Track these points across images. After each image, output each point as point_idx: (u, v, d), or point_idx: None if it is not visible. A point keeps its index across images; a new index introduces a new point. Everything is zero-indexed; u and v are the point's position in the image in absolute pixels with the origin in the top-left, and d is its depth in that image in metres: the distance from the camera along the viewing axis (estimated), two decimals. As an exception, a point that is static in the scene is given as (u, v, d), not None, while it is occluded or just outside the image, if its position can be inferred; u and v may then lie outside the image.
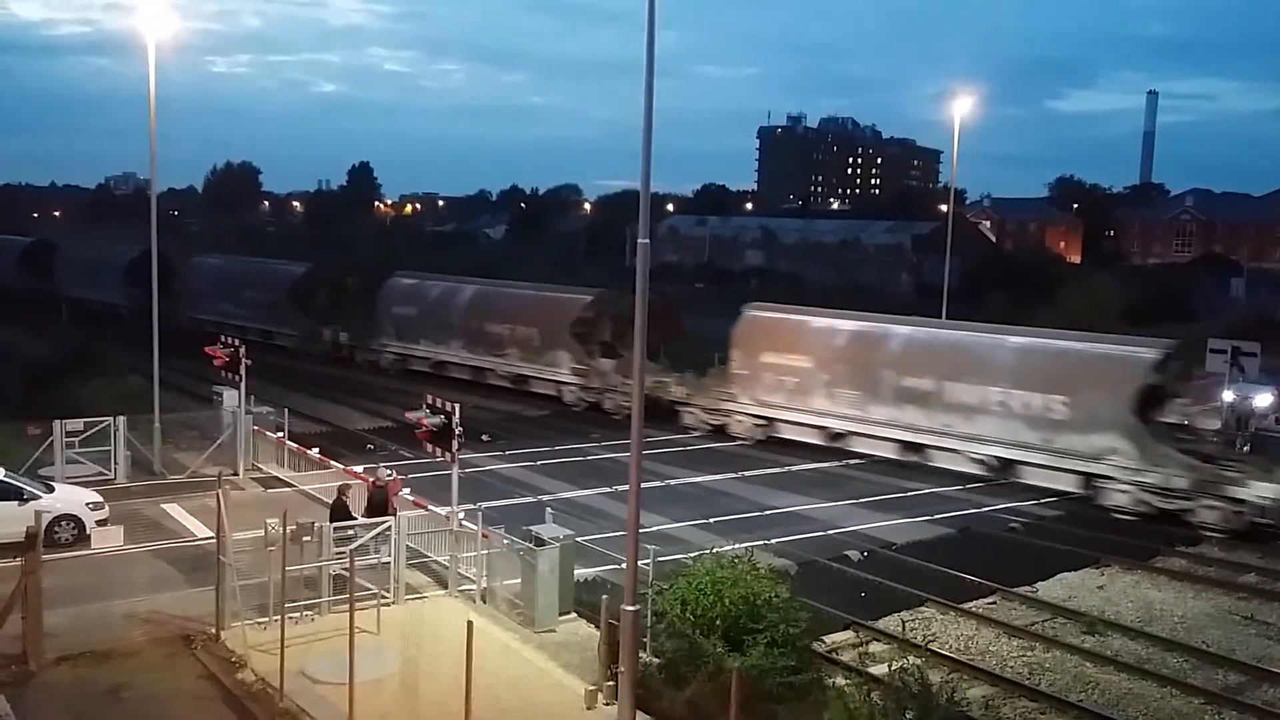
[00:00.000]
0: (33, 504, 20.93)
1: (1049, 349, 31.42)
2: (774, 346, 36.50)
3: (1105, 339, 31.70)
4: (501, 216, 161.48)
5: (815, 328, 36.41)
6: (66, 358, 40.94)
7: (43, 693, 15.81)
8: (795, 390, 35.46)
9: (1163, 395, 29.62)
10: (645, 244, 14.57)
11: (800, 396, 35.31)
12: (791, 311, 38.47)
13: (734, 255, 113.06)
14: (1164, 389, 29.53)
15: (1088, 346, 30.88)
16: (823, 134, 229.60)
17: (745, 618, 16.01)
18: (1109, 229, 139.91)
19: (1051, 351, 31.23)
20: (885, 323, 35.84)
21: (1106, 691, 17.59)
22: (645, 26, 13.78)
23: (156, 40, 28.47)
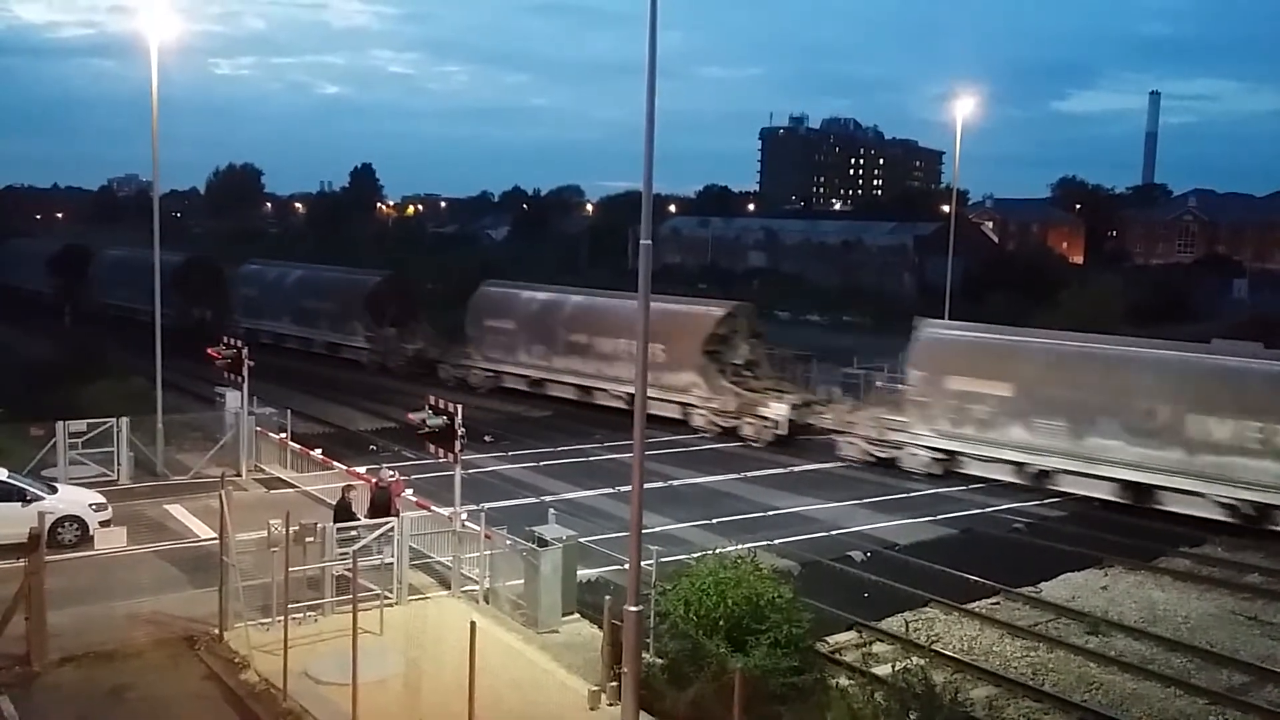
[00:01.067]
0: (36, 505, 20.94)
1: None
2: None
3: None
4: (504, 218, 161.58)
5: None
6: (73, 359, 40.91)
7: (46, 693, 15.82)
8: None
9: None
10: (648, 245, 14.57)
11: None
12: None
13: (736, 256, 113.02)
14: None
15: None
16: (825, 135, 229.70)
17: (748, 618, 16.00)
18: (1112, 229, 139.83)
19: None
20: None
21: (1110, 692, 17.57)
22: (647, 28, 13.79)
23: (159, 42, 28.48)
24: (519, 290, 47.20)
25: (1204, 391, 27.55)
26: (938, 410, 31.75)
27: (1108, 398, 28.77)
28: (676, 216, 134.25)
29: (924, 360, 32.81)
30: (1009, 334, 32.73)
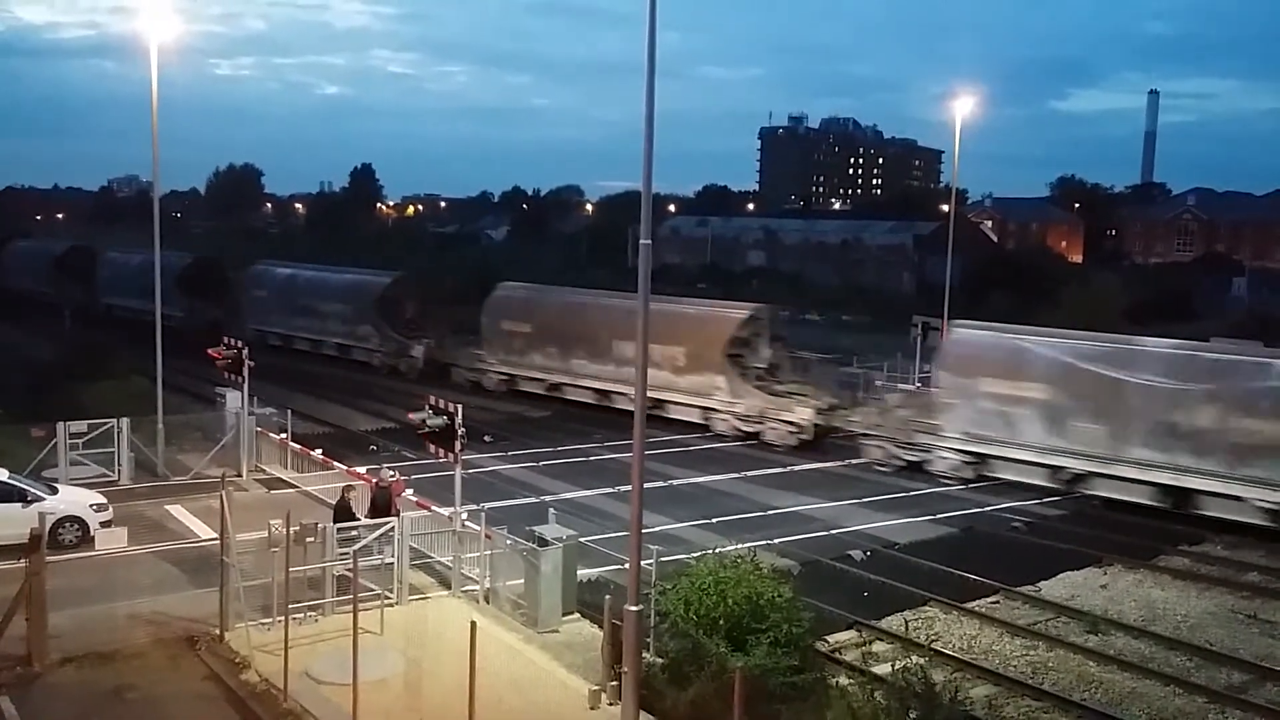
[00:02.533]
0: (37, 506, 20.96)
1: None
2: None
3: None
4: (503, 218, 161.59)
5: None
6: (74, 360, 40.93)
7: (47, 694, 15.84)
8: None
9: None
10: (647, 245, 14.60)
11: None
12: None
13: (736, 256, 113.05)
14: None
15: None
16: (824, 134, 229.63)
17: (748, 617, 16.01)
18: (1111, 228, 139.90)
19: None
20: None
21: (1110, 691, 17.60)
22: (647, 28, 13.81)
23: (160, 43, 28.50)
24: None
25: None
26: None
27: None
28: (676, 216, 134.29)
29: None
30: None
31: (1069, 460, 29.43)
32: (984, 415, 31.24)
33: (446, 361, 47.58)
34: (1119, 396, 28.76)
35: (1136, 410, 28.45)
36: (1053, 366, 30.42)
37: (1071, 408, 29.64)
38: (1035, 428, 30.22)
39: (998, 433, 30.92)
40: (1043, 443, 29.99)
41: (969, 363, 32.26)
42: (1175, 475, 27.57)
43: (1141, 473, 28.20)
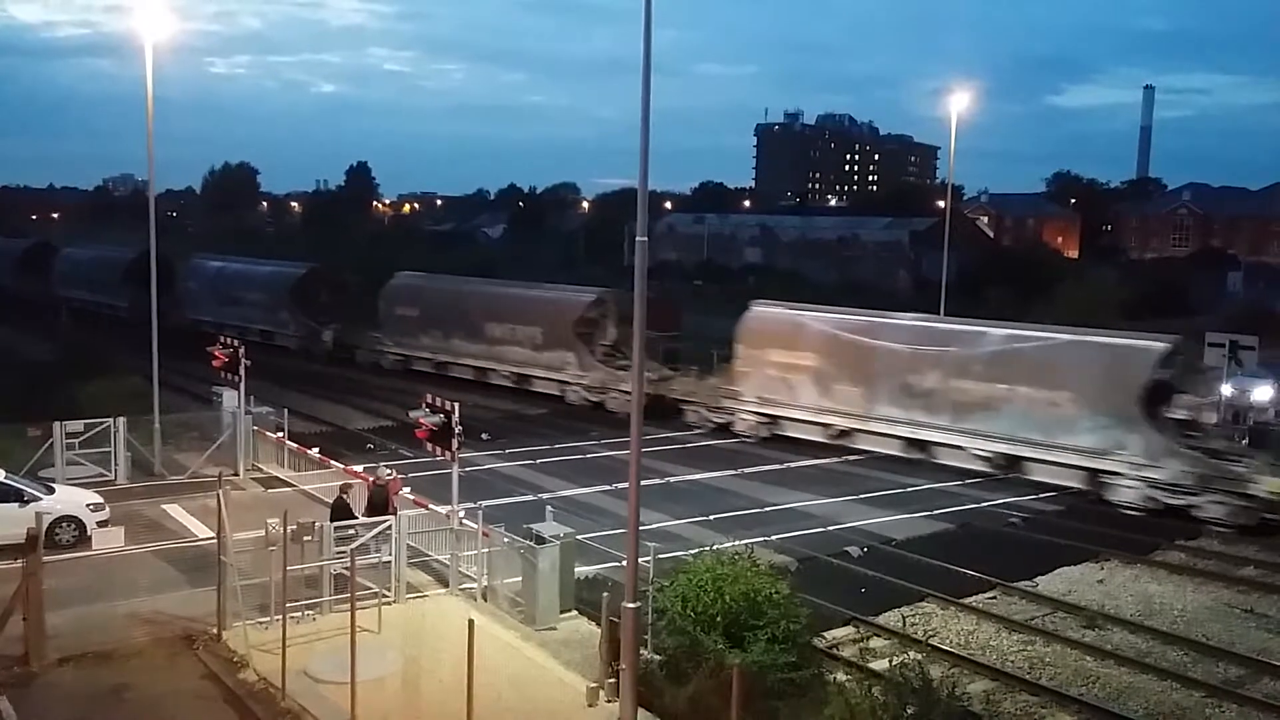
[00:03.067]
0: (34, 505, 20.94)
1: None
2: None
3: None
4: (500, 215, 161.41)
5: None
6: (72, 359, 40.92)
7: (45, 693, 15.83)
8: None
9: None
10: (643, 242, 14.59)
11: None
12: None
13: (732, 252, 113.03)
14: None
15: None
16: (820, 131, 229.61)
17: (746, 614, 16.02)
18: (1106, 224, 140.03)
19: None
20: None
21: (1107, 685, 17.63)
22: (643, 25, 13.81)
23: (155, 42, 28.47)
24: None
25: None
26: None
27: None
28: (672, 213, 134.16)
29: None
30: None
31: (836, 419, 34.40)
32: (771, 381, 36.22)
33: (351, 345, 52.22)
34: (870, 363, 33.80)
35: (883, 374, 33.45)
36: (821, 338, 35.50)
37: (835, 373, 34.72)
38: (810, 391, 35.33)
39: (782, 396, 35.97)
40: (816, 404, 35.07)
41: (759, 336, 37.21)
42: (913, 429, 32.48)
43: (889, 427, 33.14)
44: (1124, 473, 28.59)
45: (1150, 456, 28.17)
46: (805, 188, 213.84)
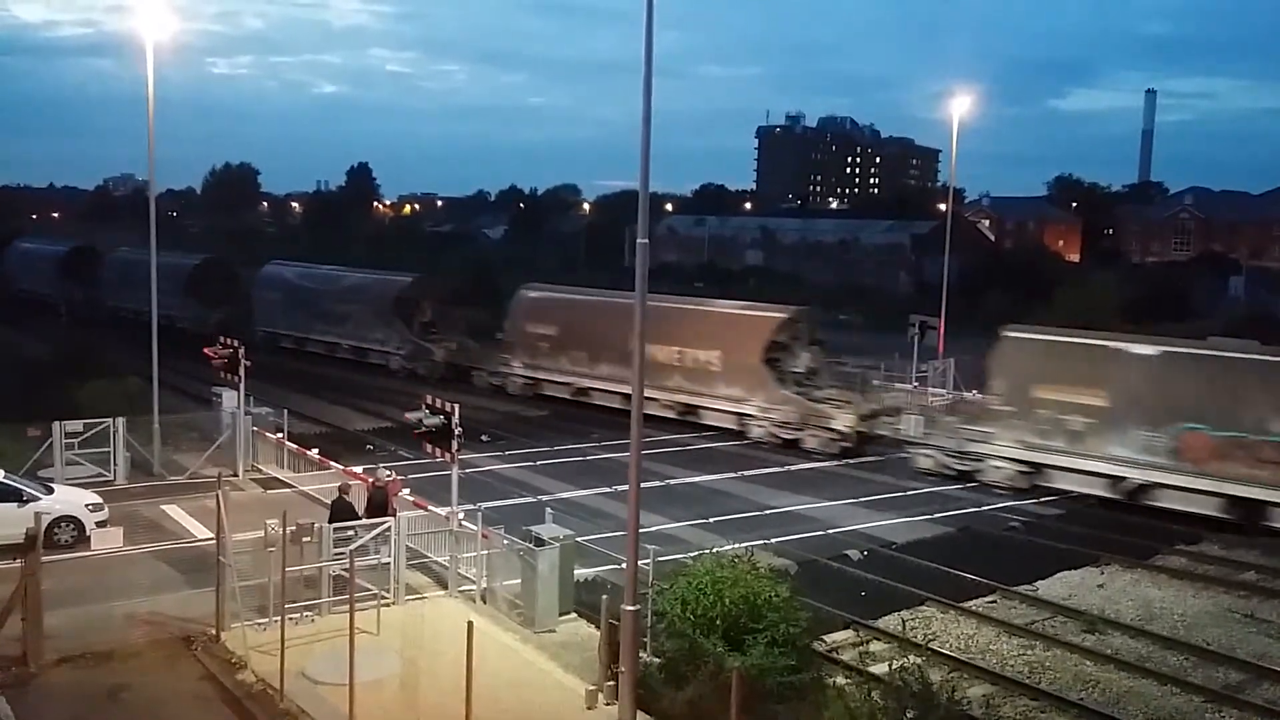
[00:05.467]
0: (32, 505, 20.91)
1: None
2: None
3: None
4: (500, 217, 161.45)
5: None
6: (67, 359, 40.90)
7: (43, 694, 15.81)
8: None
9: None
10: (644, 244, 14.57)
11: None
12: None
13: (733, 255, 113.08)
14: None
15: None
16: (821, 133, 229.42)
17: (745, 617, 15.99)
18: (1108, 228, 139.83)
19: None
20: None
21: (1107, 690, 17.59)
22: (644, 27, 13.80)
23: (156, 42, 28.47)
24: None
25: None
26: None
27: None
28: (673, 215, 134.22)
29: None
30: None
31: (574, 378, 40.73)
32: (536, 351, 43.19)
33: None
34: (594, 334, 38.42)
35: (605, 343, 38.20)
36: (560, 313, 42.69)
37: (569, 342, 41.64)
38: (558, 359, 42.05)
39: (544, 363, 42.78)
40: (560, 368, 41.31)
41: (526, 315, 44.25)
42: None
43: (611, 385, 38.58)
44: (755, 415, 35.17)
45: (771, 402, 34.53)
46: (806, 190, 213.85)
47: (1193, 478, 27.52)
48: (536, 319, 44.28)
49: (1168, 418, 28.12)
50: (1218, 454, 27.26)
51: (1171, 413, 28.07)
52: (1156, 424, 28.26)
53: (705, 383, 37.73)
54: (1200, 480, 27.40)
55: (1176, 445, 27.88)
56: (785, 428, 35.55)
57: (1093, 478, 29.24)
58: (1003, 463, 30.90)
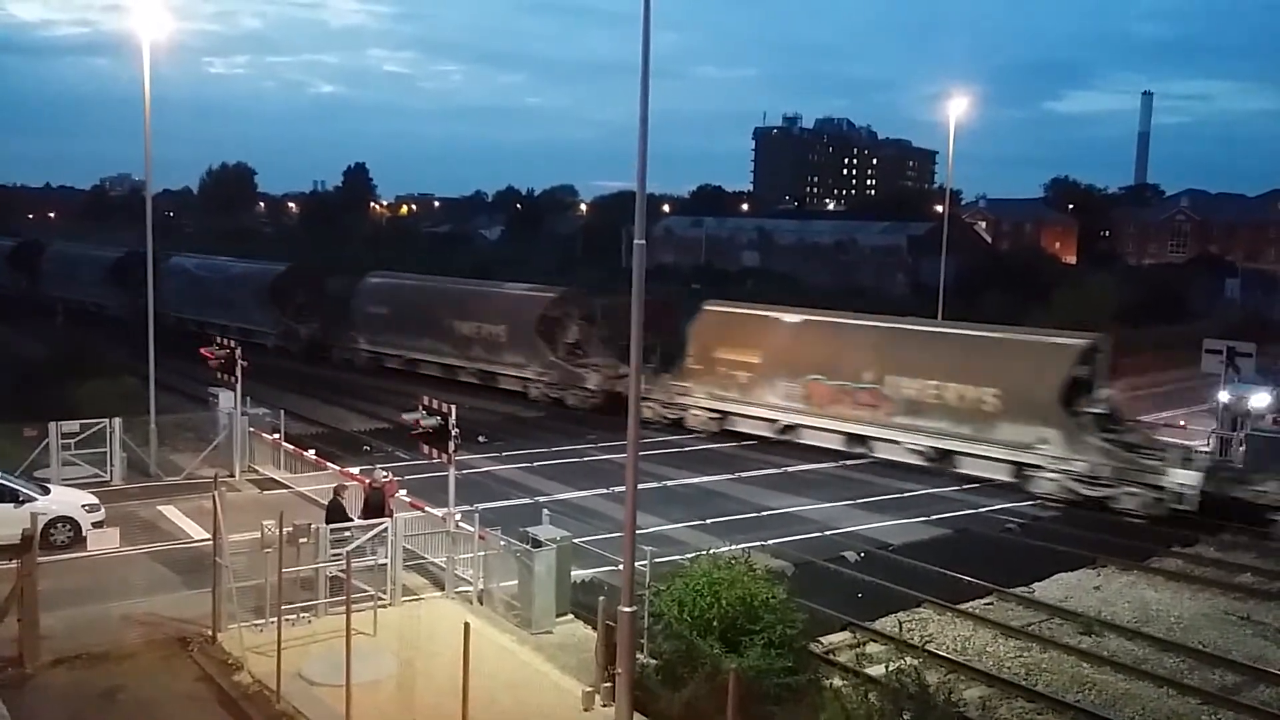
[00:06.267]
0: (29, 506, 20.91)
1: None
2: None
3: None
4: (497, 217, 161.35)
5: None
6: (66, 359, 40.81)
7: (39, 695, 15.78)
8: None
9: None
10: (641, 245, 14.57)
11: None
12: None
13: (730, 256, 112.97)
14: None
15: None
16: (818, 135, 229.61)
17: (742, 619, 15.99)
18: (1104, 229, 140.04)
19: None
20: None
21: (1103, 692, 17.60)
22: (642, 28, 13.80)
23: (153, 41, 28.46)
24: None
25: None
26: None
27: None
28: (670, 216, 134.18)
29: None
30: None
31: (408, 352, 48.67)
32: (376, 328, 51.17)
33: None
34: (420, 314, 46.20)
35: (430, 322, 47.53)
36: (392, 296, 51.13)
37: (400, 322, 49.68)
38: (396, 335, 49.89)
39: (388, 338, 50.37)
40: (402, 344, 48.79)
41: (370, 299, 52.00)
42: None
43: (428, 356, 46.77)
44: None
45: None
46: (803, 191, 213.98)
47: (818, 418, 35.10)
48: (376, 301, 52.54)
49: (801, 371, 35.43)
50: (832, 399, 34.56)
51: (803, 367, 35.44)
52: (793, 376, 35.60)
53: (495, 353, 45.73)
54: (823, 420, 35.05)
55: (806, 392, 35.21)
56: (552, 388, 42.69)
57: (758, 421, 36.47)
58: (699, 410, 37.88)
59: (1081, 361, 30.60)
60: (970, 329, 34.75)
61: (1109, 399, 30.97)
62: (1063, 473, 29.58)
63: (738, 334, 38.12)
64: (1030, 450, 30.30)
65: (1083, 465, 29.30)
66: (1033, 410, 30.44)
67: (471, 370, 46.14)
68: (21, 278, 78.49)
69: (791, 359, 36.09)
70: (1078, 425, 29.91)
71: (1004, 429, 31.02)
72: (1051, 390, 30.16)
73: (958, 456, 32.01)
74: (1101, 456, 29.11)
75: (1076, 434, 29.73)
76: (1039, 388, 30.48)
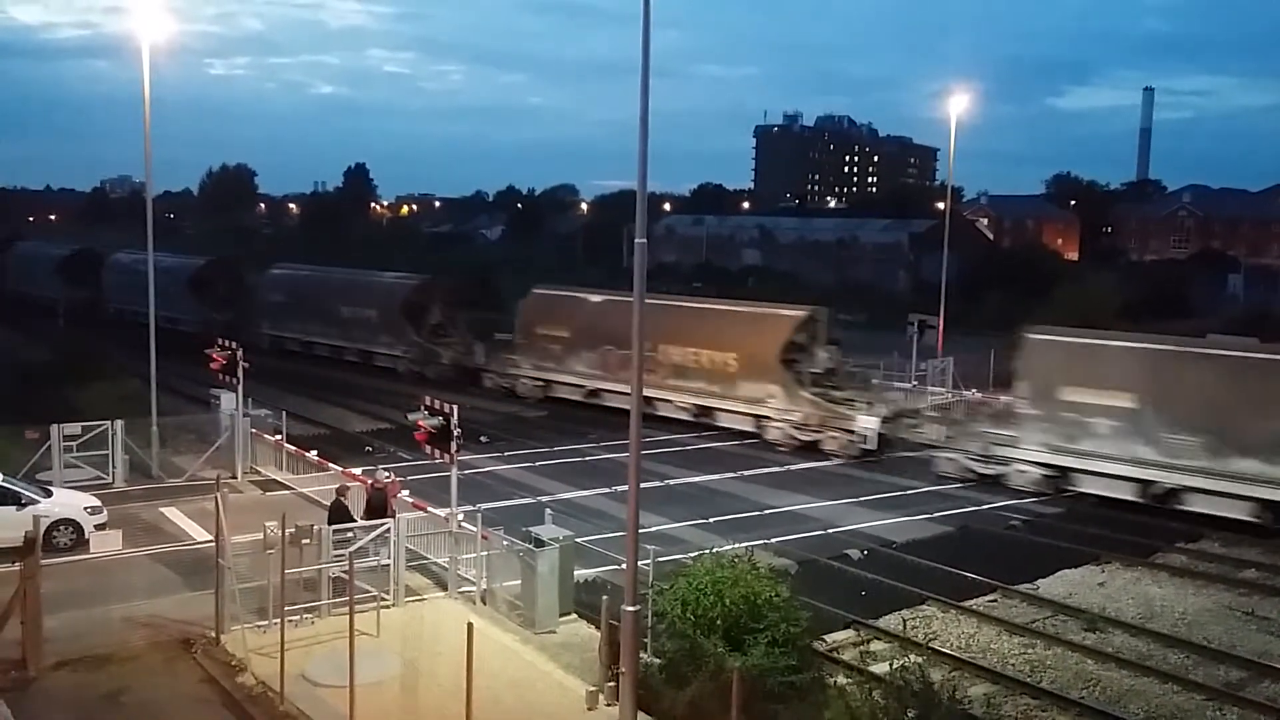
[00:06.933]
0: (31, 509, 20.88)
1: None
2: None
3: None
4: (498, 217, 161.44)
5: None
6: (69, 360, 40.89)
7: (42, 697, 15.77)
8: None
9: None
10: (642, 244, 14.55)
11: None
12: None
13: (731, 254, 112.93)
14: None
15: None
16: (819, 132, 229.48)
17: (746, 617, 15.98)
18: (1106, 226, 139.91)
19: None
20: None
21: (1108, 688, 17.58)
22: (642, 27, 13.77)
23: (153, 43, 28.46)
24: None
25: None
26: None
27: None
28: (671, 215, 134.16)
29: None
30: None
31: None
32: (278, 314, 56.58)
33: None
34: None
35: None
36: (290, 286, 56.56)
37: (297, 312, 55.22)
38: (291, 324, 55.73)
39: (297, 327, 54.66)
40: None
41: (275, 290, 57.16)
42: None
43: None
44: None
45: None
46: (804, 189, 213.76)
47: (615, 384, 38.85)
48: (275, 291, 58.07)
49: (602, 343, 39.70)
50: (624, 365, 36.09)
51: (605, 339, 39.42)
52: (595, 347, 40.32)
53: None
54: (616, 384, 38.83)
55: (605, 361, 39.83)
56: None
57: (569, 387, 41.77)
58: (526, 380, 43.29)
59: (800, 329, 36.44)
60: (717, 304, 42.69)
61: (824, 360, 36.46)
62: (785, 422, 35.42)
63: (556, 314, 43.93)
64: (761, 404, 36.19)
65: (798, 415, 35.14)
66: (762, 370, 36.43)
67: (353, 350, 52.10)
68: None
69: (593, 334, 41.00)
70: (795, 382, 35.67)
71: (742, 387, 36.96)
72: (773, 353, 36.07)
73: (715, 412, 37.69)
74: (811, 407, 34.99)
75: (794, 389, 35.50)
76: (765, 351, 36.35)
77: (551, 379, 43.13)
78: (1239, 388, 27.44)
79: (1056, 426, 29.97)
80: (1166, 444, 28.00)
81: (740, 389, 36.96)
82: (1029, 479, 30.40)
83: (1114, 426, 28.88)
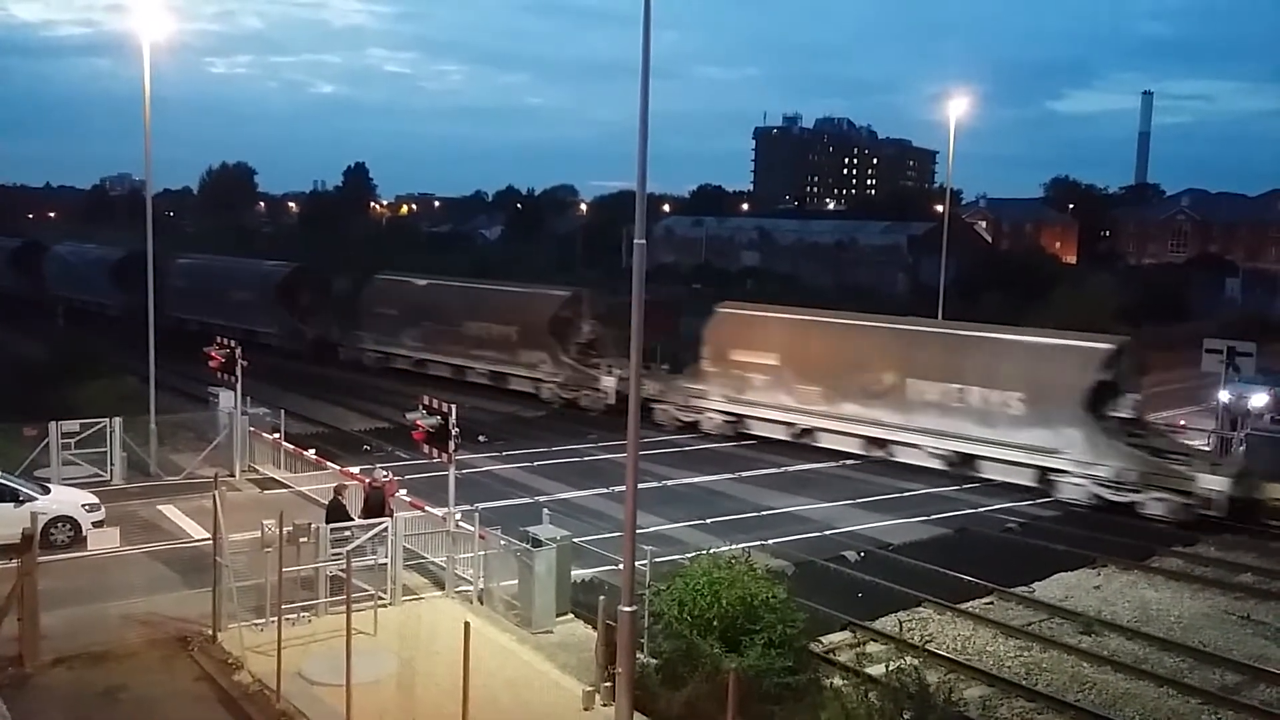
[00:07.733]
0: (29, 506, 20.91)
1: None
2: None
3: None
4: (497, 217, 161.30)
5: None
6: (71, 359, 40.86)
7: (39, 694, 15.78)
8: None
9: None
10: (641, 244, 14.57)
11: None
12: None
13: (730, 256, 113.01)
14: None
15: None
16: (818, 135, 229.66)
17: (742, 618, 15.99)
18: (1105, 229, 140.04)
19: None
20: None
21: (1103, 691, 17.60)
22: (642, 28, 13.80)
23: (154, 41, 28.46)
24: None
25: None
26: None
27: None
28: (670, 216, 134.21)
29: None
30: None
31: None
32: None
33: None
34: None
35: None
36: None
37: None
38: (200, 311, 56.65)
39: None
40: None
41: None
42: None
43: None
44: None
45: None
46: (803, 191, 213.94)
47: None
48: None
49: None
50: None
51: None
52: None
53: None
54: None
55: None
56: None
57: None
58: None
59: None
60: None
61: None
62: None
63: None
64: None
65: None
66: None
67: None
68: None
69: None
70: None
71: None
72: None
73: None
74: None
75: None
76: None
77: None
78: (843, 349, 35.34)
79: (730, 381, 37.04)
80: (799, 392, 35.44)
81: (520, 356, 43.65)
82: (714, 424, 37.19)
83: (765, 380, 36.36)
